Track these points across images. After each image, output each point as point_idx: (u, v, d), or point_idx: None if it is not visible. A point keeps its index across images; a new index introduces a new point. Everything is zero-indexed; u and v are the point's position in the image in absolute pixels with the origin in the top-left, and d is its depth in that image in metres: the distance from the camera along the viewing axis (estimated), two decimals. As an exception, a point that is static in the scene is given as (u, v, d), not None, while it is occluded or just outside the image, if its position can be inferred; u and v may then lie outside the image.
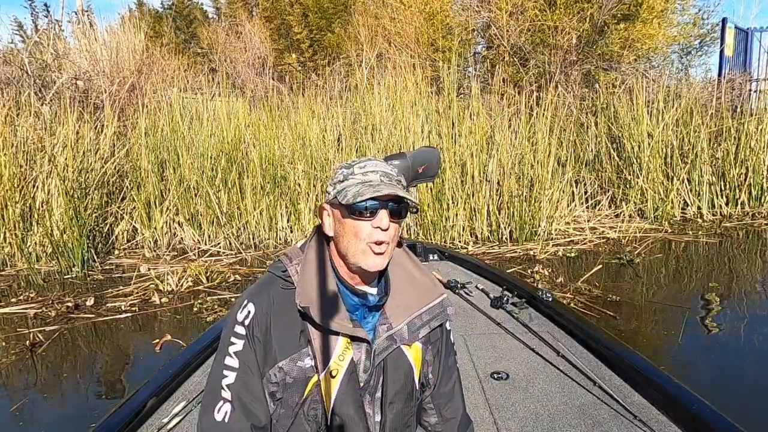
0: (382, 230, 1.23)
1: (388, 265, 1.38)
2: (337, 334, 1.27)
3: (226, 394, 1.28)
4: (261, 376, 1.28)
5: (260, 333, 1.28)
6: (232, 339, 1.30)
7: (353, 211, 1.23)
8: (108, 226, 7.12)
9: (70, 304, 5.04)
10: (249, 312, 1.30)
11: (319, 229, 1.38)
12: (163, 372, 2.22)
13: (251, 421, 1.27)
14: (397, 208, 1.25)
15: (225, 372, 1.29)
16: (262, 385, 1.28)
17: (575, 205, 7.83)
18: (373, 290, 1.36)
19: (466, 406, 1.56)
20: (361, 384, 1.31)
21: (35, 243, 6.48)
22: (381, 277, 1.40)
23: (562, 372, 2.39)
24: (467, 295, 3.29)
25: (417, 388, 1.40)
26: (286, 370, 1.27)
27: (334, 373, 1.27)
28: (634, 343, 3.83)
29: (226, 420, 1.26)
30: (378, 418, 1.33)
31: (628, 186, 7.94)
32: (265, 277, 1.38)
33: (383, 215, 1.23)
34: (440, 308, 1.41)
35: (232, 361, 1.29)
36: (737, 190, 8.04)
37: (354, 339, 1.29)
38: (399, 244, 1.42)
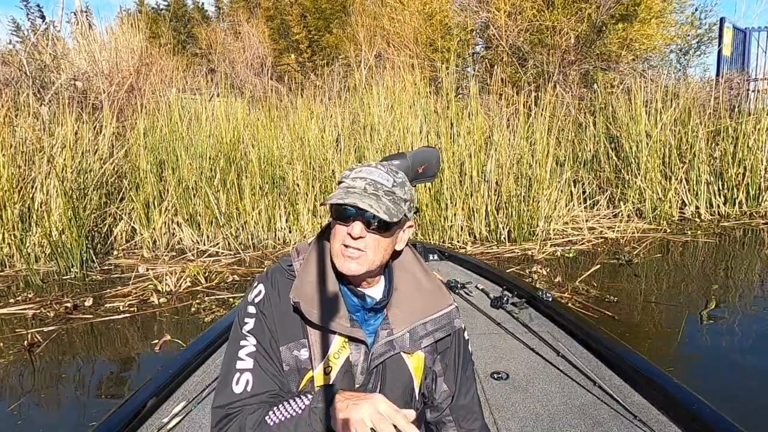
0: (353, 238, 1.23)
1: (393, 269, 1.40)
2: (333, 331, 1.28)
3: (245, 364, 1.28)
4: (276, 354, 1.30)
5: (268, 311, 1.32)
6: (245, 319, 1.34)
7: (334, 213, 1.26)
8: (107, 226, 7.12)
9: (68, 305, 5.03)
10: (260, 292, 1.35)
11: (328, 226, 1.40)
12: (163, 372, 2.22)
13: (275, 390, 1.28)
14: (378, 220, 1.23)
15: (243, 343, 1.31)
16: (277, 361, 1.30)
17: (573, 205, 7.83)
18: (376, 293, 1.37)
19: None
20: (357, 385, 1.30)
21: (34, 244, 6.47)
22: (386, 281, 1.39)
23: (562, 372, 2.39)
24: (467, 295, 3.29)
25: (417, 398, 1.39)
26: (283, 357, 1.29)
27: (328, 370, 1.27)
28: (633, 343, 3.83)
29: (248, 388, 1.26)
30: None
31: (626, 186, 7.95)
32: (275, 266, 1.41)
33: (356, 225, 1.23)
34: (447, 320, 1.39)
35: (247, 337, 1.31)
36: (735, 190, 8.06)
37: (352, 339, 1.30)
38: (397, 254, 1.41)
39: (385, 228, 1.26)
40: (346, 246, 1.25)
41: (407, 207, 1.30)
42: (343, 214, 1.25)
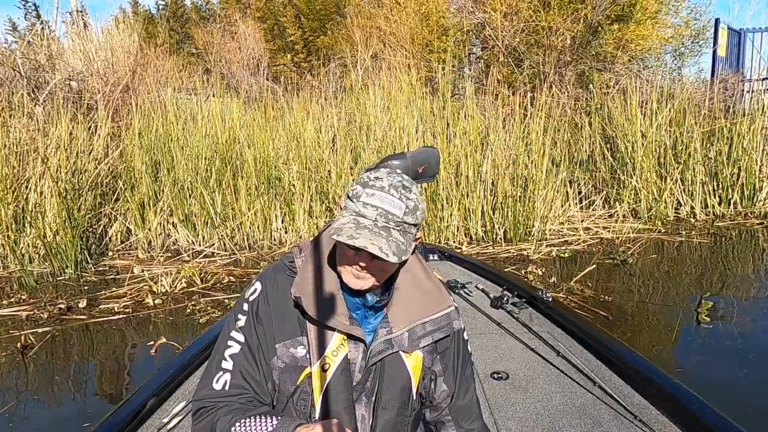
0: (360, 267, 1.23)
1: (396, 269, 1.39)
2: (332, 329, 1.28)
3: (228, 364, 1.31)
4: (263, 356, 1.31)
5: (262, 312, 1.32)
6: (239, 315, 1.35)
7: None
8: (101, 227, 7.07)
9: (62, 306, 5.00)
10: (255, 290, 1.36)
11: (330, 224, 1.40)
12: (163, 372, 2.22)
13: (249, 393, 1.30)
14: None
15: (230, 343, 1.34)
16: (261, 364, 1.31)
17: (569, 205, 7.84)
18: (376, 292, 1.36)
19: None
20: (355, 383, 1.30)
21: (28, 244, 6.42)
22: (387, 280, 1.38)
23: (562, 372, 2.39)
24: (467, 295, 3.29)
25: (414, 397, 1.39)
26: (279, 354, 1.30)
27: (326, 367, 1.27)
28: (628, 342, 3.83)
29: (226, 388, 1.29)
30: (370, 421, 1.33)
31: (621, 186, 7.97)
32: (277, 263, 1.42)
33: (362, 258, 1.22)
34: (446, 321, 1.39)
35: (236, 335, 1.34)
36: (730, 190, 8.09)
37: (351, 337, 1.30)
38: (404, 262, 1.39)
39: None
40: (352, 268, 1.25)
41: (416, 230, 1.27)
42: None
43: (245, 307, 1.35)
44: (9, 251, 6.36)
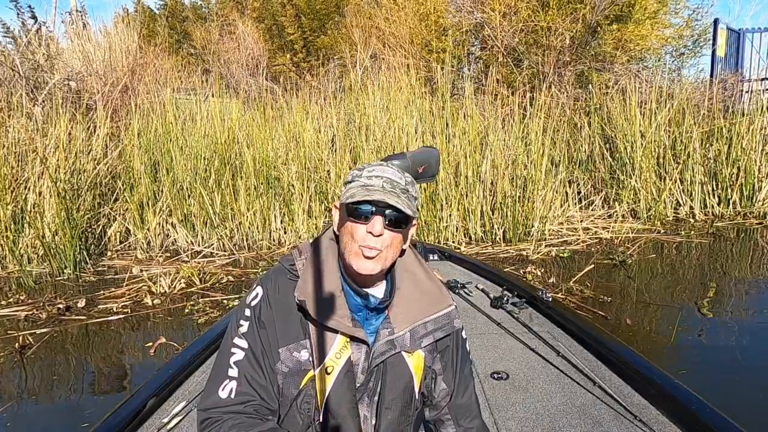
0: (374, 236, 1.24)
1: (395, 269, 1.40)
2: (335, 331, 1.28)
3: (233, 371, 1.31)
4: (268, 360, 1.31)
5: (265, 317, 1.32)
6: (241, 321, 1.35)
7: (351, 212, 1.26)
8: (100, 227, 7.07)
9: (61, 306, 4.99)
10: (257, 295, 1.35)
11: (329, 226, 1.40)
12: (163, 372, 2.22)
13: (256, 400, 1.29)
14: (397, 216, 1.26)
15: (233, 350, 1.33)
16: (266, 369, 1.31)
17: (568, 206, 7.85)
18: (378, 292, 1.37)
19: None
20: (358, 384, 1.31)
21: (26, 245, 6.41)
22: (388, 281, 1.40)
23: (562, 372, 2.39)
24: (467, 295, 3.29)
25: (416, 397, 1.39)
26: (282, 359, 1.30)
27: (329, 370, 1.27)
28: (627, 343, 3.84)
29: (232, 396, 1.29)
30: (373, 421, 1.34)
31: (621, 186, 7.97)
32: (277, 266, 1.41)
33: (377, 221, 1.24)
34: (447, 320, 1.40)
35: (240, 341, 1.33)
36: (729, 190, 8.09)
37: (353, 339, 1.30)
38: (403, 253, 1.42)
39: (400, 224, 1.27)
40: (369, 246, 1.26)
41: (416, 205, 1.32)
42: (359, 212, 1.25)
43: (247, 312, 1.34)
44: (8, 251, 6.36)
